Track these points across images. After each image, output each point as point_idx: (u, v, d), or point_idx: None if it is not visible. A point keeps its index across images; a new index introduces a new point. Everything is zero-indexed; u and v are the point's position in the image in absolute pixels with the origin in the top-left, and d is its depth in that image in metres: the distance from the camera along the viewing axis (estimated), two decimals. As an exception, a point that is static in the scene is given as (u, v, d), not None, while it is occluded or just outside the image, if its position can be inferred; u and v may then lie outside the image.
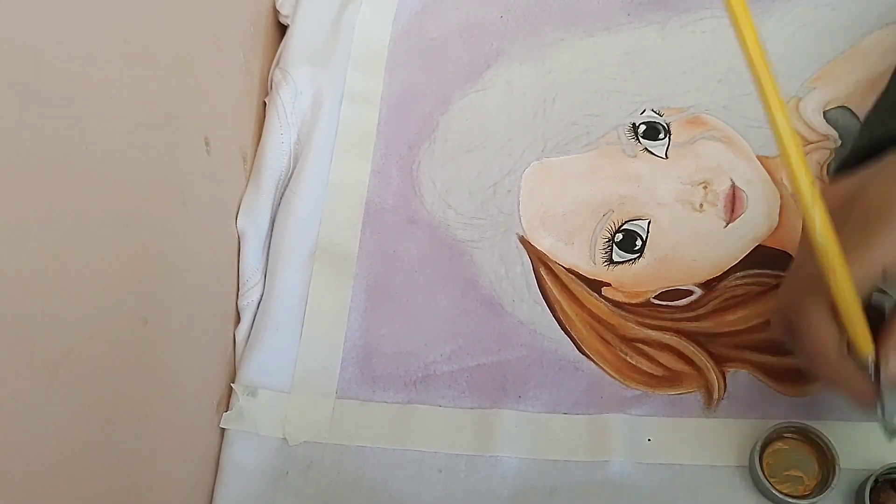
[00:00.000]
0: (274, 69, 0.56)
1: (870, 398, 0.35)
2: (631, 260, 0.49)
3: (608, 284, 0.48)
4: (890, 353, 0.34)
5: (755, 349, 0.46)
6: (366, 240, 0.51)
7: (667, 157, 0.51)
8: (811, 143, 0.51)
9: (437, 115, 0.55)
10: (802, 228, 0.37)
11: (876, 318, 0.35)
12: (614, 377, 0.46)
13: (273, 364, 0.47)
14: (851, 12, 0.54)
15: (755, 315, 0.46)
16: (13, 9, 0.28)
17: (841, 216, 0.35)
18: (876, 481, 0.40)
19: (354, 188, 0.53)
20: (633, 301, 0.48)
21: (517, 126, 0.54)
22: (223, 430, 0.46)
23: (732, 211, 0.49)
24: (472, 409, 0.46)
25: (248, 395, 0.46)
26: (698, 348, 0.46)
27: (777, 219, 0.49)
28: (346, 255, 0.50)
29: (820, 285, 0.34)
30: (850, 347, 0.35)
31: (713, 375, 0.45)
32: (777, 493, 0.40)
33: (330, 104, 0.55)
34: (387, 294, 0.49)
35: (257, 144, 0.53)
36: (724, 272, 0.48)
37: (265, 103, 0.55)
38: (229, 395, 0.47)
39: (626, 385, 0.46)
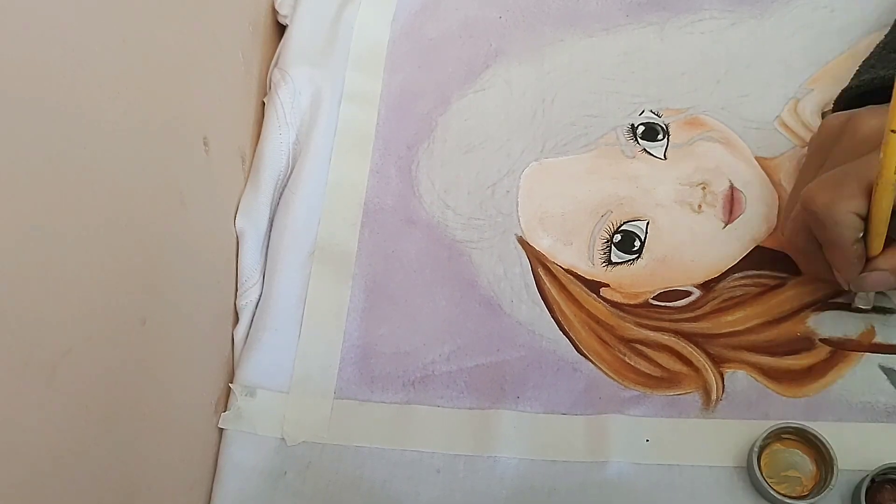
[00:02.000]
0: (273, 69, 0.56)
1: (854, 284, 0.42)
2: (629, 261, 0.49)
3: (607, 285, 0.48)
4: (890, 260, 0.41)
5: (753, 350, 0.46)
6: (364, 240, 0.51)
7: (665, 158, 0.51)
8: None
9: (436, 116, 0.55)
10: (850, 133, 0.42)
11: None
12: (612, 378, 0.46)
13: (271, 364, 0.47)
14: (850, 14, 0.54)
15: (754, 316, 0.47)
16: (11, 9, 0.28)
17: (831, 142, 0.43)
18: (872, 481, 0.40)
19: (353, 188, 0.53)
20: (632, 302, 0.48)
21: (516, 126, 0.54)
22: (221, 430, 0.46)
23: (731, 212, 0.49)
24: (470, 409, 0.46)
25: (246, 395, 0.46)
26: (696, 349, 0.46)
27: (775, 220, 0.49)
28: (344, 255, 0.50)
29: (850, 187, 0.39)
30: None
31: (711, 376, 0.45)
32: (775, 494, 0.40)
33: (329, 104, 0.55)
34: (385, 294, 0.49)
35: (256, 144, 0.53)
36: (723, 273, 0.48)
37: (264, 103, 0.55)
38: (227, 396, 0.47)
39: (625, 386, 0.46)
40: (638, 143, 0.52)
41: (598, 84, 0.55)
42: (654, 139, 0.52)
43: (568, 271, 0.49)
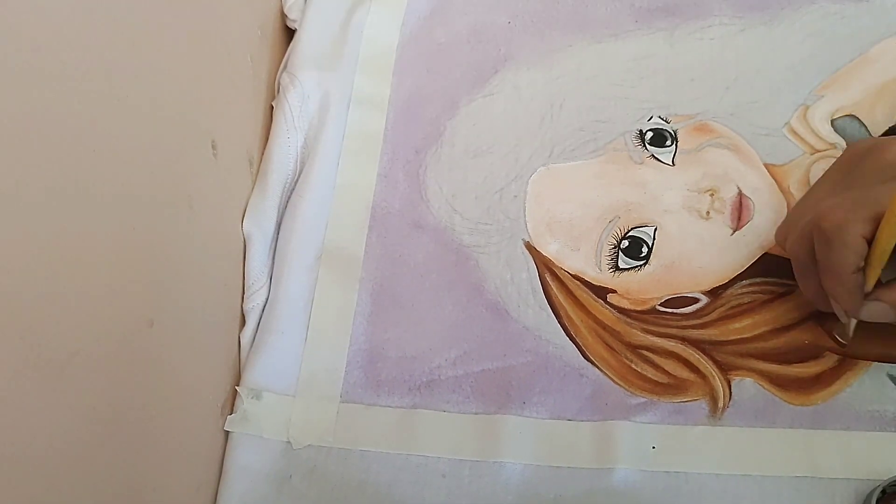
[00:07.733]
0: (281, 73, 0.56)
1: (851, 312, 0.40)
2: (637, 267, 0.49)
3: (614, 291, 0.48)
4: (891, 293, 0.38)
5: (761, 357, 0.46)
6: (372, 244, 0.51)
7: (673, 164, 0.51)
8: (818, 151, 0.51)
9: (445, 120, 0.55)
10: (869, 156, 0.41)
11: None
12: (619, 384, 0.46)
13: (278, 367, 0.47)
14: (860, 20, 0.54)
15: (761, 323, 0.46)
16: (21, 11, 0.28)
17: (855, 163, 0.41)
18: (883, 492, 0.40)
19: (361, 192, 0.53)
20: (639, 308, 0.48)
21: (524, 131, 0.54)
22: (227, 432, 0.46)
23: (739, 219, 0.49)
24: (476, 414, 0.46)
25: (252, 397, 0.46)
26: (704, 356, 0.46)
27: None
28: (351, 258, 0.51)
29: (865, 212, 0.37)
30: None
31: (718, 383, 0.45)
32: None
33: (337, 108, 0.55)
34: (392, 298, 0.49)
35: (264, 148, 0.53)
36: (731, 280, 0.48)
37: (272, 107, 0.55)
38: (234, 398, 0.47)
39: (631, 392, 0.45)
40: (646, 148, 0.52)
41: (607, 90, 0.55)
42: (662, 145, 0.52)
43: (575, 277, 0.49)
